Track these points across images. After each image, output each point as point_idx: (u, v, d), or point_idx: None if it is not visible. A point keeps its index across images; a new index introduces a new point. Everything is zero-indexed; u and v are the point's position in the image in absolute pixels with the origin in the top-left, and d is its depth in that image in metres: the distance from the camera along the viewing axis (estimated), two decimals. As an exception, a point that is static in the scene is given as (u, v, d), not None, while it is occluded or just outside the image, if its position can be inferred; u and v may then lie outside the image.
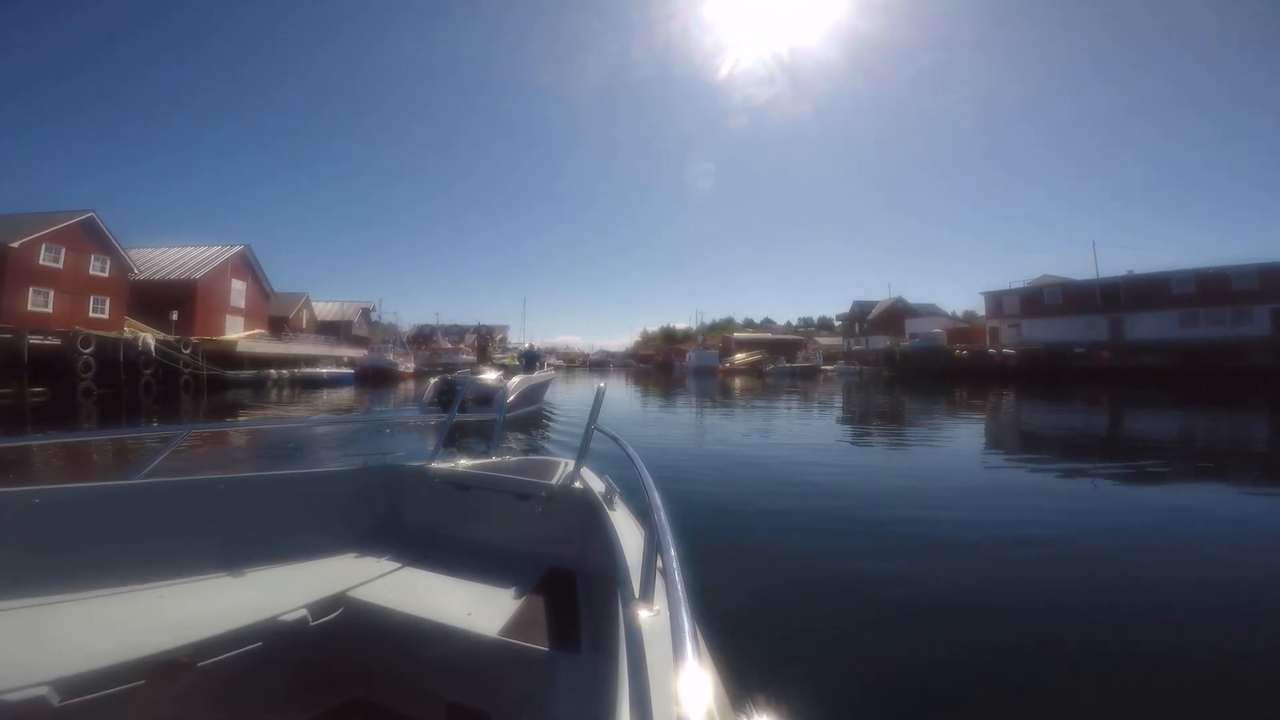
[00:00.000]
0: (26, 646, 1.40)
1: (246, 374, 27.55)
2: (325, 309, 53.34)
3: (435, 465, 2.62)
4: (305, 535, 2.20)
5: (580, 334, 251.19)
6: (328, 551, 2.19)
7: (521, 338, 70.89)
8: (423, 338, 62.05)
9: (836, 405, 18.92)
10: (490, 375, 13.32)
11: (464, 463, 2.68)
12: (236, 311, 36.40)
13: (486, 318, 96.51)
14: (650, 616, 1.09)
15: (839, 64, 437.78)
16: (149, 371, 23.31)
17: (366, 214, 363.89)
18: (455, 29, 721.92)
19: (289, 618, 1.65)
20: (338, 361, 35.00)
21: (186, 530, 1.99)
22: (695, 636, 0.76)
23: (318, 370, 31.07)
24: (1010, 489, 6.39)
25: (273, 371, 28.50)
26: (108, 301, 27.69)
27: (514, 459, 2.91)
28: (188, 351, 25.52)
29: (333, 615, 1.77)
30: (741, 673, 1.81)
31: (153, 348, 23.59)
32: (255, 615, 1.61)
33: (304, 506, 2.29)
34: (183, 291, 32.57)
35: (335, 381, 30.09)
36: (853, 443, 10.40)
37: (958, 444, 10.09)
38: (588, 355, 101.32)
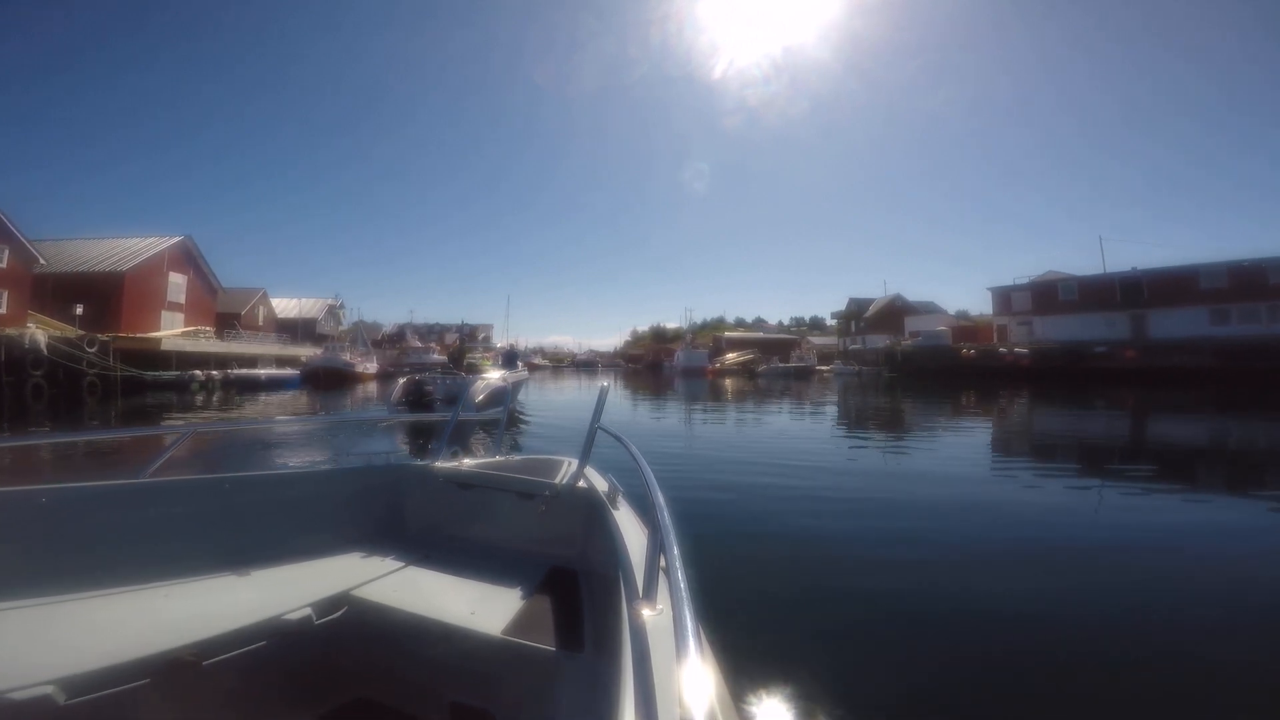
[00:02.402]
0: (31, 645, 1.40)
1: (168, 375, 24.33)
2: (285, 305, 49.86)
3: (439, 464, 2.57)
4: (309, 534, 2.17)
5: (572, 334, 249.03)
6: (332, 551, 2.15)
7: (504, 337, 68.85)
8: (397, 337, 59.03)
9: (837, 408, 17.75)
10: (494, 376, 12.69)
11: (468, 462, 2.63)
12: (175, 307, 33.06)
13: (472, 317, 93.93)
14: (653, 615, 1.09)
15: (833, 65, 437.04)
16: (39, 373, 20.06)
17: (351, 214, 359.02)
18: (450, 27, 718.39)
19: (293, 617, 1.64)
20: (279, 361, 31.74)
21: (191, 529, 1.98)
22: (698, 635, 0.77)
23: (254, 371, 27.84)
24: (1026, 497, 5.94)
25: (198, 372, 25.22)
26: (5, 295, 24.35)
27: (517, 458, 2.83)
28: (93, 350, 22.29)
29: (337, 614, 1.75)
30: (745, 672, 1.84)
31: (42, 345, 20.31)
32: (259, 614, 1.60)
33: (308, 506, 2.26)
34: (108, 285, 29.22)
35: (276, 384, 26.89)
36: (856, 446, 9.95)
37: (968, 450, 9.53)
38: (575, 355, 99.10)
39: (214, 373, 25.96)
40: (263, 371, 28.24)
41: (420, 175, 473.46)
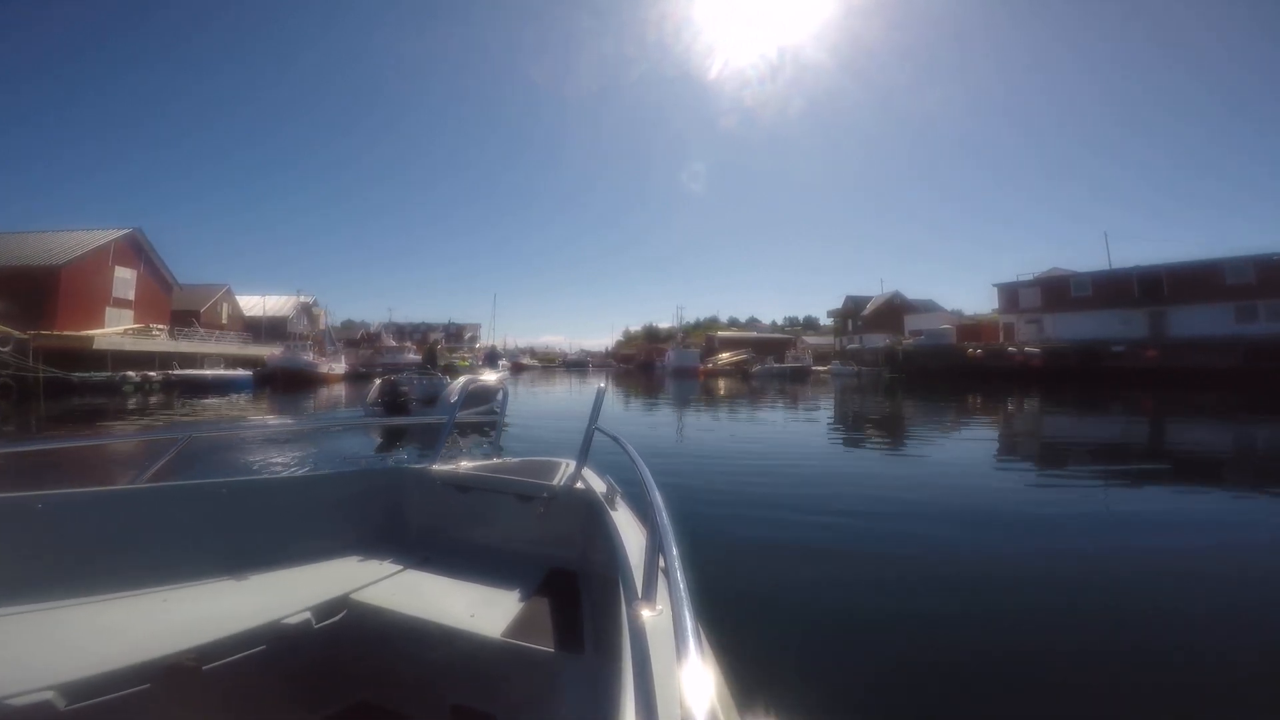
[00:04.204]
0: (32, 651, 1.40)
1: (99, 376, 21.99)
2: (252, 303, 47.22)
3: (437, 467, 2.56)
4: (308, 538, 2.16)
5: (566, 334, 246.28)
6: (331, 554, 2.14)
7: (491, 336, 66.71)
8: (376, 336, 56.70)
9: (837, 411, 17.14)
10: (492, 377, 10.79)
11: (465, 464, 2.63)
12: (122, 304, 30.59)
13: (465, 317, 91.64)
14: (653, 616, 1.09)
15: (828, 65, 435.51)
16: (-63, 375, 17.78)
17: (348, 214, 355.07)
18: (448, 25, 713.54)
19: (293, 621, 1.62)
20: (237, 361, 29.42)
21: (190, 534, 1.96)
22: (698, 636, 0.77)
23: (200, 372, 25.44)
24: (1036, 503, 5.63)
25: (132, 374, 22.87)
26: (-91, 289, 21.96)
27: (515, 460, 2.82)
28: (7, 348, 19.99)
29: (336, 618, 1.74)
30: (744, 672, 1.75)
31: (-60, 344, 17.99)
32: (259, 618, 1.59)
33: (307, 510, 2.25)
34: (41, 280, 26.73)
35: (225, 385, 24.54)
36: (857, 449, 9.84)
37: (977, 455, 9.23)
38: (566, 355, 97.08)
39: (152, 374, 23.61)
40: (210, 372, 25.85)
41: (417, 175, 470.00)
